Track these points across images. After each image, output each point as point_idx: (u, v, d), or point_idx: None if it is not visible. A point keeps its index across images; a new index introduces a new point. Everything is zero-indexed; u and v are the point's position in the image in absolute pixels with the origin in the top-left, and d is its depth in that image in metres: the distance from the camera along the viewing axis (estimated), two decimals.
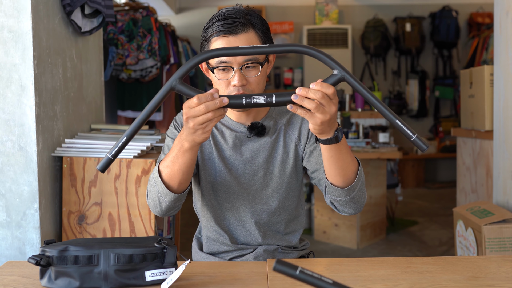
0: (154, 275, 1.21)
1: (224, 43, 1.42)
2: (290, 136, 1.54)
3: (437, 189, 6.71)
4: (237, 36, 1.42)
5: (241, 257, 1.56)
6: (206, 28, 1.47)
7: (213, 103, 1.15)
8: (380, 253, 4.00)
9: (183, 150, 1.30)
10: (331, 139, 1.26)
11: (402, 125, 1.11)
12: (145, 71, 4.20)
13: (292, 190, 1.56)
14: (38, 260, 1.18)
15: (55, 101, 2.11)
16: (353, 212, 1.45)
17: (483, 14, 7.01)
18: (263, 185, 1.52)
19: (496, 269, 1.33)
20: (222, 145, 1.53)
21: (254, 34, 1.45)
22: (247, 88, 1.42)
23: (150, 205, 1.46)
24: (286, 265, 0.89)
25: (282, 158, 1.53)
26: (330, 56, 1.14)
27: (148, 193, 1.46)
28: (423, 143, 1.11)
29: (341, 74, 1.13)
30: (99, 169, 1.16)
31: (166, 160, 1.35)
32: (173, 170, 1.35)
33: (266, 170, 1.52)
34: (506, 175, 2.62)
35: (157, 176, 1.37)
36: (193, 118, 1.18)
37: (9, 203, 1.97)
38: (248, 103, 1.15)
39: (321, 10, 7.00)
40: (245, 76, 1.41)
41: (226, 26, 1.42)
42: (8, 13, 1.92)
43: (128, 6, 4.33)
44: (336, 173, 1.35)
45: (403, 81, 7.21)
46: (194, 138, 1.24)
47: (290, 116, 1.57)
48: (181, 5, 7.15)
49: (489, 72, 3.12)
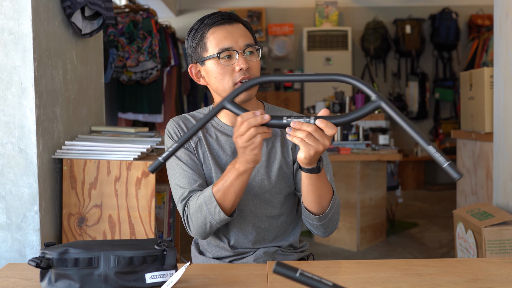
0: (154, 277, 1.21)
1: (222, 31, 1.46)
2: (287, 141, 1.54)
3: (437, 191, 6.71)
4: (232, 25, 1.47)
5: (241, 259, 1.55)
6: (197, 29, 1.50)
7: (254, 120, 1.20)
8: (380, 255, 4.00)
9: (238, 173, 1.34)
10: (313, 168, 1.30)
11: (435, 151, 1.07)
12: (145, 73, 4.21)
13: (290, 194, 1.56)
14: (38, 262, 1.18)
15: (55, 103, 2.11)
16: (322, 236, 1.51)
17: (483, 16, 7.01)
18: (261, 190, 1.52)
19: (496, 272, 1.33)
20: (218, 152, 1.52)
21: (244, 27, 1.50)
22: (251, 72, 1.45)
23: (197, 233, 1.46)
24: (286, 267, 0.89)
25: (280, 162, 1.52)
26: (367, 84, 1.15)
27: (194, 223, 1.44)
28: (455, 171, 1.05)
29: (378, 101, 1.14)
30: (150, 170, 1.20)
31: (220, 185, 1.37)
32: (227, 194, 1.37)
33: (264, 175, 1.51)
34: (506, 177, 2.62)
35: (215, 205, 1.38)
36: (240, 136, 1.23)
37: (9, 205, 1.97)
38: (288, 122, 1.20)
39: (321, 12, 7.01)
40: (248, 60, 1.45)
41: (221, 17, 1.47)
42: (8, 15, 1.92)
43: (128, 8, 4.33)
44: (312, 200, 1.40)
45: (403, 83, 7.22)
46: (246, 159, 1.28)
47: None
48: (181, 7, 7.16)
49: (489, 74, 3.12)
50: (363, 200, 4.15)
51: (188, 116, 1.57)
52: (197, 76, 1.53)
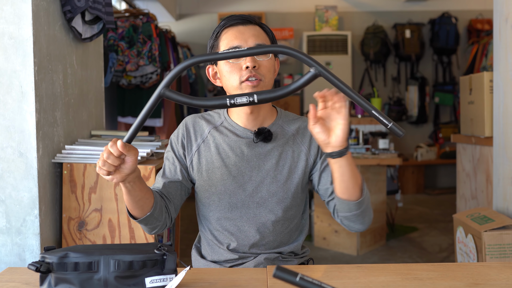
0: (154, 281, 1.21)
1: (234, 31, 1.48)
2: (299, 146, 1.54)
3: (437, 195, 6.71)
4: (246, 26, 1.49)
5: (241, 264, 1.55)
6: (214, 31, 1.53)
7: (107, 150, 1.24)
8: (380, 260, 4.00)
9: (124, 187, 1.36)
10: (347, 147, 1.29)
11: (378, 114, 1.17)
12: (145, 77, 4.21)
13: (297, 200, 1.55)
14: (38, 266, 1.18)
15: (55, 107, 2.11)
16: (363, 228, 1.47)
17: (482, 20, 7.02)
18: (269, 193, 1.51)
19: (496, 276, 1.33)
20: (227, 153, 1.53)
21: (261, 29, 1.51)
22: (259, 71, 1.45)
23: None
24: (286, 271, 0.89)
25: (291, 167, 1.52)
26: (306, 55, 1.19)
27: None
28: (399, 130, 1.17)
29: (316, 71, 1.18)
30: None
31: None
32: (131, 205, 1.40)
33: (273, 178, 1.51)
34: (506, 181, 2.62)
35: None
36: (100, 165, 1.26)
37: (9, 210, 1.97)
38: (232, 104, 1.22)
39: (321, 17, 7.02)
40: (256, 59, 1.45)
41: (237, 19, 1.49)
42: (9, 20, 1.93)
43: (128, 12, 4.34)
44: (352, 185, 1.36)
45: (403, 87, 7.22)
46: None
47: (299, 125, 1.57)
48: (181, 11, 7.17)
49: (488, 79, 3.12)
50: None
51: (200, 116, 1.61)
52: (214, 77, 1.55)
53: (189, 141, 1.55)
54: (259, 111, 1.52)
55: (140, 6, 5.67)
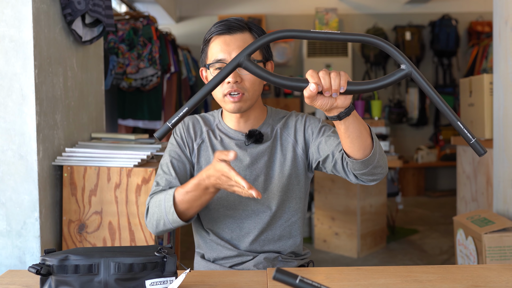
0: (154, 284, 1.21)
1: (221, 41, 1.48)
2: (286, 139, 1.58)
3: (437, 197, 6.70)
4: (232, 35, 1.49)
5: (241, 264, 1.56)
6: (206, 33, 1.54)
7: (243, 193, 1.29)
8: (381, 262, 3.99)
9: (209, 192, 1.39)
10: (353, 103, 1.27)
11: (463, 127, 1.11)
12: (145, 80, 4.21)
13: (291, 192, 1.57)
14: (39, 269, 1.18)
15: (55, 110, 2.12)
16: (382, 176, 1.41)
17: (482, 23, 7.03)
18: (263, 189, 1.54)
19: (496, 278, 1.33)
20: None
21: (250, 36, 1.50)
22: (242, 86, 1.46)
23: (149, 225, 1.52)
24: (286, 274, 0.89)
25: (280, 161, 1.56)
26: (399, 50, 1.12)
27: (149, 215, 1.50)
28: (481, 148, 1.11)
29: (408, 69, 1.12)
30: (157, 136, 1.13)
31: (186, 195, 1.41)
32: (192, 206, 1.42)
33: (266, 174, 1.55)
34: (506, 183, 2.62)
35: (171, 206, 1.42)
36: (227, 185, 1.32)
37: (9, 212, 1.97)
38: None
39: (321, 19, 7.03)
40: (239, 74, 1.45)
41: (224, 27, 1.49)
42: (9, 23, 1.93)
43: (128, 15, 4.34)
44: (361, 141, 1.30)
45: (403, 89, 7.23)
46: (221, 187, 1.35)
47: (285, 120, 1.61)
48: (182, 14, 7.18)
49: (488, 81, 3.13)
50: (364, 206, 4.14)
51: (198, 117, 1.63)
52: (207, 79, 1.57)
53: (190, 141, 1.59)
54: (249, 114, 1.56)
55: (141, 8, 5.67)
